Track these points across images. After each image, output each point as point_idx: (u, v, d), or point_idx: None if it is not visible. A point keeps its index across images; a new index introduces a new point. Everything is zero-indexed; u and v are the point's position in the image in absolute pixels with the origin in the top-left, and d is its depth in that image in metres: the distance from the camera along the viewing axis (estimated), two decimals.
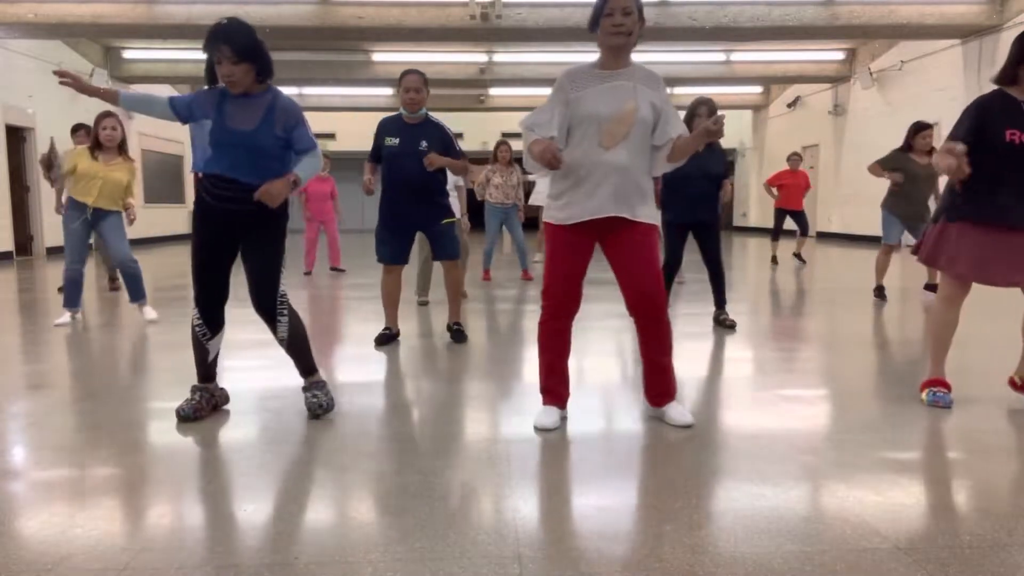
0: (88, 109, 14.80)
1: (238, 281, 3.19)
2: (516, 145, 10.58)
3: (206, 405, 3.25)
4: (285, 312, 3.20)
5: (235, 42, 2.91)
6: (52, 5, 11.38)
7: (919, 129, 6.73)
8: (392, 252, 4.81)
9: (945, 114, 13.37)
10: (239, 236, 3.15)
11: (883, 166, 6.92)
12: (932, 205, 6.66)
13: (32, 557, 1.94)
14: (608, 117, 2.89)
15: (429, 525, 2.11)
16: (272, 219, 3.15)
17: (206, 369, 3.30)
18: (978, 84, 12.53)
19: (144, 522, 2.14)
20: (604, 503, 2.27)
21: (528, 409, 3.30)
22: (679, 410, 3.10)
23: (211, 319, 3.21)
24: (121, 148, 5.79)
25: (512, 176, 8.75)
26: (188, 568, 1.88)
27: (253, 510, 2.22)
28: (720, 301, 5.64)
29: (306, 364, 3.33)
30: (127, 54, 15.93)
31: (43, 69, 13.53)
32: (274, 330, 3.22)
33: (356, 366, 4.29)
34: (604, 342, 5.00)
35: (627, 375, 4.01)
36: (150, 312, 5.88)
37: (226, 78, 2.95)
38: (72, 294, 5.69)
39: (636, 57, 3.12)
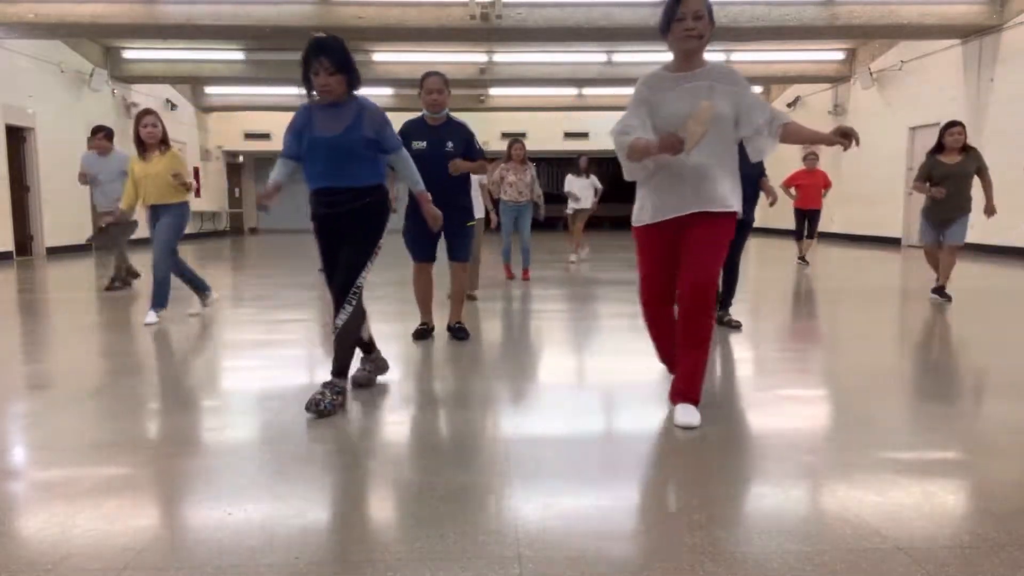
0: (88, 110, 14.82)
1: (236, 282, 3.18)
2: (530, 145, 10.63)
3: (338, 399, 3.32)
4: (353, 303, 3.34)
5: (333, 55, 3.18)
6: (52, 5, 11.38)
7: (947, 127, 6.71)
8: (421, 251, 4.92)
9: (945, 114, 13.37)
10: (343, 230, 3.39)
11: (921, 180, 6.79)
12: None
13: (32, 557, 1.94)
14: (686, 118, 2.92)
15: (429, 525, 2.11)
16: (373, 216, 3.37)
17: (368, 345, 3.67)
18: (977, 84, 12.53)
19: (144, 522, 2.14)
20: (604, 503, 2.27)
21: (528, 409, 3.30)
22: (687, 410, 3.07)
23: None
24: (163, 142, 5.77)
25: (526, 174, 8.87)
26: (188, 568, 1.88)
27: (253, 510, 2.22)
28: (726, 302, 5.61)
29: (341, 363, 3.39)
30: (127, 54, 15.93)
31: (43, 69, 13.53)
32: (335, 315, 3.36)
33: (356, 365, 4.29)
34: (605, 342, 5.00)
35: (627, 375, 4.01)
36: (152, 316, 5.74)
37: (323, 88, 3.21)
38: (161, 296, 5.74)
39: (636, 57, 3.16)
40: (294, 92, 19.00)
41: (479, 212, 7.25)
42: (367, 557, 1.93)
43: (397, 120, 4.49)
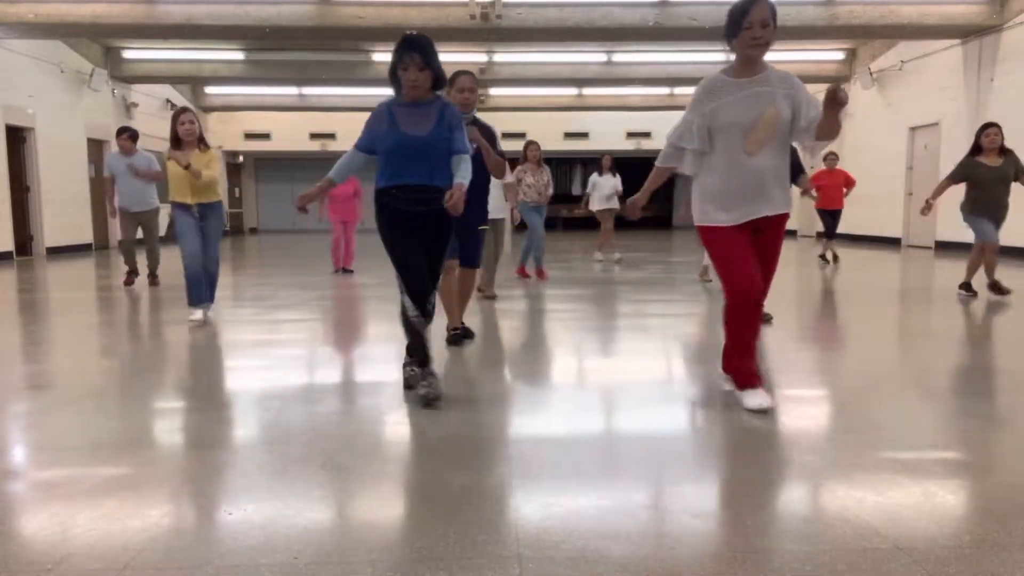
0: (88, 109, 14.82)
1: (237, 282, 3.18)
2: (546, 146, 10.58)
3: (439, 384, 3.44)
4: (431, 306, 3.47)
5: (423, 51, 3.29)
6: (52, 5, 11.37)
7: (984, 128, 6.69)
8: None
9: (945, 114, 13.38)
10: (425, 231, 3.46)
11: (953, 180, 6.76)
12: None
13: (32, 557, 1.94)
14: (750, 125, 3.09)
15: (429, 525, 2.11)
16: (448, 216, 3.46)
17: (427, 353, 3.52)
18: (977, 84, 12.53)
19: (144, 522, 2.14)
20: (604, 503, 2.26)
21: (528, 409, 3.30)
22: (760, 396, 3.23)
23: (426, 309, 3.43)
24: (200, 141, 5.75)
25: (543, 175, 8.92)
26: (188, 568, 1.88)
27: (253, 510, 2.22)
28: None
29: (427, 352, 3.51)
30: (127, 54, 15.92)
31: (43, 69, 13.53)
32: (419, 304, 3.44)
33: (357, 365, 4.29)
34: (606, 342, 5.00)
35: (627, 375, 4.01)
36: (199, 313, 5.71)
37: (412, 83, 3.32)
38: (199, 290, 5.67)
39: (636, 56, 3.20)
40: (294, 92, 19.03)
41: (500, 214, 7.21)
42: (367, 557, 1.93)
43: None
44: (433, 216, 3.43)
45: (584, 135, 21.98)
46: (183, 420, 3.22)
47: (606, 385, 3.79)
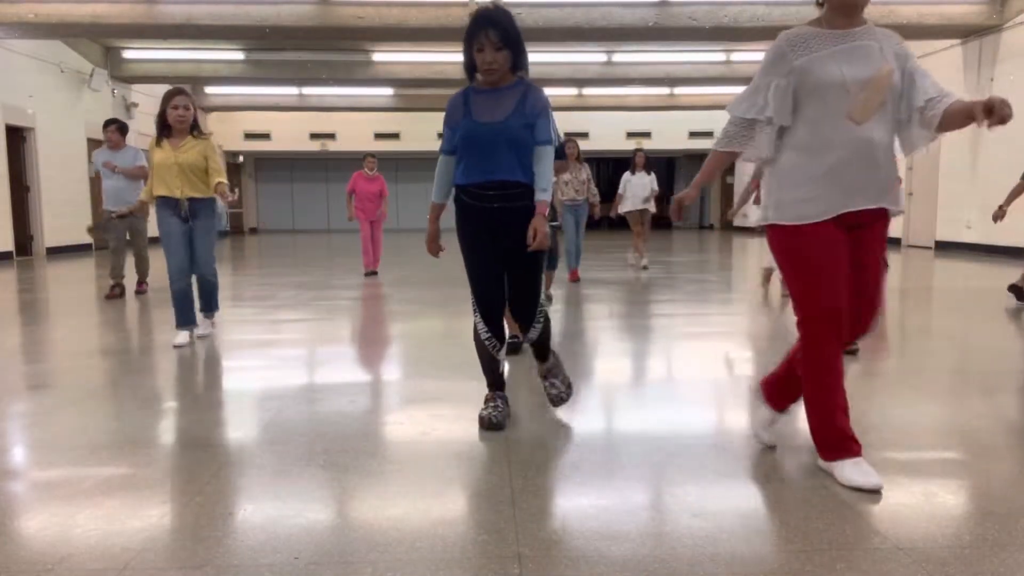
0: (88, 109, 14.82)
1: (241, 281, 3.18)
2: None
3: (507, 410, 3.10)
4: (541, 320, 3.07)
5: (501, 27, 2.83)
6: (52, 5, 11.37)
7: None
8: None
9: None
10: (505, 236, 2.92)
11: None
12: None
13: (32, 557, 1.94)
14: (858, 84, 2.33)
15: (429, 525, 2.11)
16: (531, 216, 2.88)
17: (499, 377, 3.15)
18: (977, 84, 12.52)
19: (144, 522, 2.14)
20: (604, 503, 2.26)
21: (529, 409, 3.29)
22: (866, 469, 2.39)
23: (497, 330, 3.03)
24: (193, 129, 4.85)
25: (581, 172, 8.53)
26: (188, 568, 1.88)
27: (253, 510, 2.22)
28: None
29: (543, 355, 3.20)
30: (127, 54, 15.92)
31: (43, 69, 13.53)
32: (526, 332, 3.10)
33: (358, 365, 4.29)
34: (606, 341, 5.00)
35: (629, 375, 4.01)
36: (207, 327, 5.19)
37: (487, 65, 2.86)
38: (185, 310, 4.91)
39: (636, 56, 3.06)
40: (294, 92, 19.02)
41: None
42: (367, 557, 1.93)
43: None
44: (513, 216, 2.89)
45: (584, 135, 21.99)
46: (183, 420, 3.22)
47: (606, 385, 3.79)
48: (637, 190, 10.00)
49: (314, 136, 22.49)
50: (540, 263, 2.99)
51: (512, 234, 2.90)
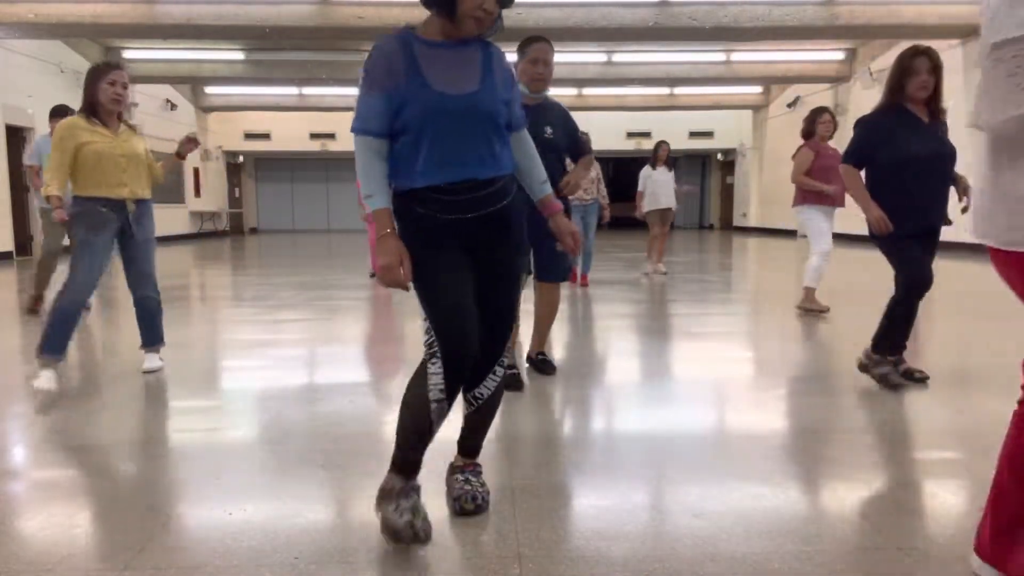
0: None
1: (241, 281, 3.18)
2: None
3: (425, 510, 2.03)
4: (504, 364, 2.26)
5: None
6: (52, 5, 11.38)
7: None
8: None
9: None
10: (485, 253, 2.09)
11: None
12: None
13: (32, 557, 1.94)
14: None
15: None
16: (515, 224, 2.12)
17: (420, 460, 2.09)
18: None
19: (144, 522, 2.14)
20: (604, 503, 2.27)
21: (528, 409, 3.29)
22: None
23: (455, 390, 2.06)
24: (121, 117, 3.99)
25: (591, 171, 7.99)
26: (188, 568, 1.88)
27: (253, 510, 2.22)
28: (899, 343, 3.69)
29: (477, 441, 2.38)
30: (127, 54, 15.92)
31: (43, 69, 13.53)
32: (476, 383, 2.25)
33: (359, 366, 4.29)
34: (606, 342, 5.00)
35: (627, 375, 4.01)
36: (155, 361, 4.10)
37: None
38: (63, 334, 3.70)
39: (636, 56, 3.02)
40: (294, 92, 19.02)
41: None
42: (367, 557, 1.93)
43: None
44: (495, 223, 2.07)
45: (584, 135, 21.97)
46: (183, 420, 3.22)
47: (605, 385, 3.79)
48: (660, 187, 8.92)
49: (314, 136, 22.51)
50: (518, 288, 2.23)
51: (494, 249, 2.09)
